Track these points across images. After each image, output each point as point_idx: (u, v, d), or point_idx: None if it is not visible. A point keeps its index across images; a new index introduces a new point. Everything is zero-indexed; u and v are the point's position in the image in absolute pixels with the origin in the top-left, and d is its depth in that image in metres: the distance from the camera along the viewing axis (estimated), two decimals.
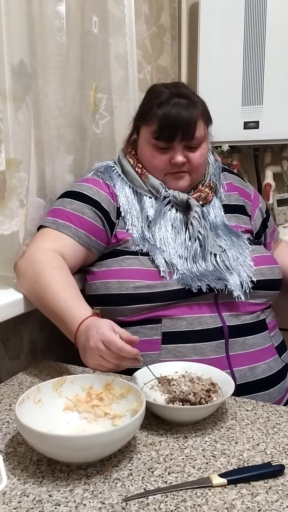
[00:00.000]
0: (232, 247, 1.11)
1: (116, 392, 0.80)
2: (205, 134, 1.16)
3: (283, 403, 1.09)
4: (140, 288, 1.02)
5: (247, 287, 1.05)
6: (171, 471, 0.68)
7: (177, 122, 1.09)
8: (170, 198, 1.14)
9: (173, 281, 1.02)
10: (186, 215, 1.14)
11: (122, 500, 0.62)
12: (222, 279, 1.04)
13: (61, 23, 1.13)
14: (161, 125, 1.09)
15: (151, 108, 1.12)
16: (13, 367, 1.15)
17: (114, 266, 1.07)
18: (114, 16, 1.44)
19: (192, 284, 1.01)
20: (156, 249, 1.07)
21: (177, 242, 1.10)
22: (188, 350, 1.01)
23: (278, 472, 0.67)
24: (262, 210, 1.31)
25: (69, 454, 0.67)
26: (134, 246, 1.08)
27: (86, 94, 1.30)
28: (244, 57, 1.78)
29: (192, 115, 1.10)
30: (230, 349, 1.03)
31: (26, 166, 1.02)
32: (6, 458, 0.71)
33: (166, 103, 1.10)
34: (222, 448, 0.74)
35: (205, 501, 0.62)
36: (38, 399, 0.76)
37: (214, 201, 1.20)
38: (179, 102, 1.10)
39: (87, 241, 1.10)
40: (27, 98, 1.00)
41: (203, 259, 1.08)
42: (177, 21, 2.06)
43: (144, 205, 1.14)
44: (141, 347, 1.01)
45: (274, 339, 1.11)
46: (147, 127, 1.14)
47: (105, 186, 1.16)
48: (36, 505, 0.61)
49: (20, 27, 0.96)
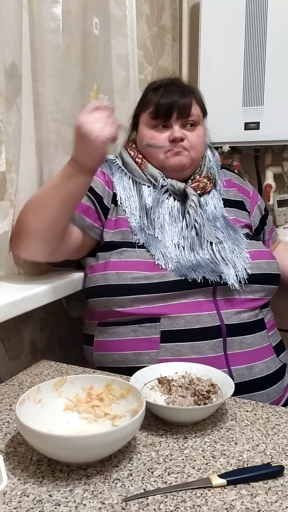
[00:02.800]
0: (229, 240, 1.12)
1: (116, 393, 0.80)
2: (201, 118, 1.20)
3: (281, 403, 1.09)
4: (138, 279, 1.03)
5: (242, 279, 1.06)
6: (170, 471, 0.68)
7: (172, 101, 1.14)
8: (168, 187, 1.16)
9: (170, 272, 1.03)
10: (183, 204, 1.15)
11: (122, 500, 0.62)
12: (217, 271, 1.05)
13: (57, 24, 1.14)
14: (157, 104, 1.15)
15: (147, 94, 1.20)
16: (14, 367, 1.15)
17: (112, 258, 1.08)
18: (116, 17, 1.44)
19: (187, 274, 1.03)
20: (153, 239, 1.08)
21: (174, 231, 1.11)
22: (186, 348, 1.02)
23: (278, 473, 0.67)
24: (261, 207, 1.32)
25: (69, 454, 0.67)
26: (133, 236, 1.10)
27: (87, 95, 1.31)
28: (245, 58, 1.78)
29: (187, 95, 1.16)
30: (228, 348, 1.03)
31: (16, 167, 1.04)
32: (7, 458, 0.71)
33: (161, 88, 1.17)
34: (222, 448, 0.74)
35: (205, 502, 0.62)
36: (38, 399, 0.77)
37: (213, 192, 1.22)
38: (173, 88, 1.18)
39: (81, 222, 1.11)
40: (18, 99, 1.02)
41: (200, 247, 1.09)
42: (178, 21, 2.06)
43: (143, 193, 1.16)
44: (140, 346, 1.03)
45: (272, 338, 1.12)
46: (145, 112, 1.19)
47: (101, 174, 1.18)
48: (36, 505, 0.61)
49: (13, 28, 0.98)
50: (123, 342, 1.05)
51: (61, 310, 1.33)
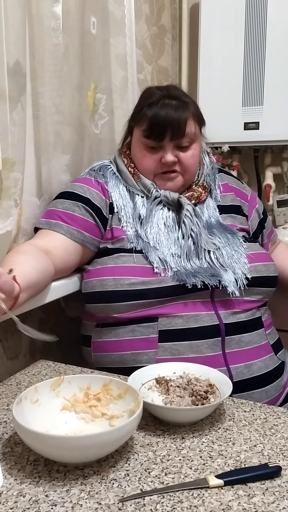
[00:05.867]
0: (227, 245, 1.11)
1: (114, 393, 0.80)
2: (197, 134, 1.16)
3: (280, 401, 1.09)
4: (135, 285, 1.02)
5: (242, 284, 1.05)
6: (168, 471, 0.68)
7: (166, 121, 1.10)
8: (162, 198, 1.15)
9: (168, 277, 1.03)
10: (178, 214, 1.14)
11: (118, 500, 0.62)
12: (216, 275, 1.04)
13: (58, 23, 1.14)
14: (151, 124, 1.11)
15: (141, 109, 1.14)
16: (12, 367, 1.15)
17: (109, 263, 1.07)
18: (115, 16, 1.44)
19: (186, 280, 1.02)
20: (149, 246, 1.07)
21: (170, 240, 1.10)
22: (184, 348, 1.01)
23: (275, 474, 0.67)
24: (259, 211, 1.31)
25: (66, 455, 0.67)
26: (129, 244, 1.09)
27: (85, 94, 1.30)
28: (245, 58, 1.78)
29: (182, 114, 1.11)
30: (227, 347, 1.03)
31: (21, 166, 1.03)
32: (3, 458, 0.71)
33: (156, 103, 1.12)
34: (219, 449, 0.74)
35: (202, 502, 0.62)
36: (35, 399, 0.76)
37: (208, 201, 1.21)
38: (169, 103, 1.12)
39: (80, 237, 1.11)
40: (22, 98, 1.01)
41: (196, 257, 1.08)
42: (178, 21, 2.06)
43: (136, 204, 1.15)
44: (138, 346, 1.03)
45: (270, 337, 1.12)
46: (138, 127, 1.15)
47: (96, 184, 1.17)
48: (32, 505, 0.61)
49: (16, 27, 0.97)
50: (121, 343, 1.05)
51: (60, 310, 1.33)
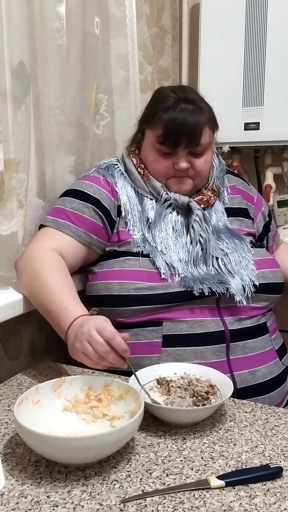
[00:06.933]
0: (235, 251, 1.10)
1: (115, 393, 0.80)
2: (211, 140, 1.14)
3: (282, 406, 1.08)
4: (141, 290, 1.01)
5: (249, 292, 1.04)
6: (169, 472, 0.68)
7: (183, 129, 1.07)
8: (171, 201, 1.13)
9: (175, 283, 1.02)
10: (187, 218, 1.12)
11: (120, 501, 0.62)
12: (224, 282, 1.03)
13: (61, 24, 1.13)
14: (166, 131, 1.08)
15: (157, 113, 1.10)
16: (13, 368, 1.15)
17: (115, 267, 1.06)
18: (115, 17, 1.44)
19: (194, 287, 1.01)
20: (156, 251, 1.06)
21: (178, 245, 1.09)
22: (188, 353, 1.00)
23: (276, 475, 0.67)
24: (265, 213, 1.31)
25: (67, 455, 0.67)
26: (136, 247, 1.07)
27: (87, 95, 1.30)
28: (245, 58, 1.78)
29: (198, 121, 1.08)
30: (231, 353, 1.02)
31: (25, 167, 1.02)
32: (5, 459, 0.71)
33: (172, 108, 1.08)
34: (221, 450, 0.74)
35: (203, 503, 0.62)
36: (36, 400, 0.76)
37: (216, 204, 1.19)
38: (185, 107, 1.08)
39: (87, 240, 1.10)
40: (27, 98, 1.01)
41: (204, 263, 1.07)
42: (178, 22, 2.06)
43: (145, 206, 1.13)
44: (141, 350, 1.02)
45: (274, 342, 1.11)
46: (152, 131, 1.12)
47: (106, 184, 1.15)
48: (34, 506, 0.61)
49: (20, 27, 0.97)
50: None
51: None
